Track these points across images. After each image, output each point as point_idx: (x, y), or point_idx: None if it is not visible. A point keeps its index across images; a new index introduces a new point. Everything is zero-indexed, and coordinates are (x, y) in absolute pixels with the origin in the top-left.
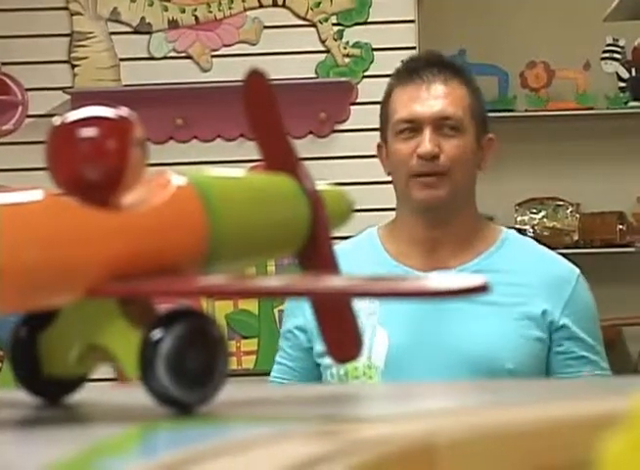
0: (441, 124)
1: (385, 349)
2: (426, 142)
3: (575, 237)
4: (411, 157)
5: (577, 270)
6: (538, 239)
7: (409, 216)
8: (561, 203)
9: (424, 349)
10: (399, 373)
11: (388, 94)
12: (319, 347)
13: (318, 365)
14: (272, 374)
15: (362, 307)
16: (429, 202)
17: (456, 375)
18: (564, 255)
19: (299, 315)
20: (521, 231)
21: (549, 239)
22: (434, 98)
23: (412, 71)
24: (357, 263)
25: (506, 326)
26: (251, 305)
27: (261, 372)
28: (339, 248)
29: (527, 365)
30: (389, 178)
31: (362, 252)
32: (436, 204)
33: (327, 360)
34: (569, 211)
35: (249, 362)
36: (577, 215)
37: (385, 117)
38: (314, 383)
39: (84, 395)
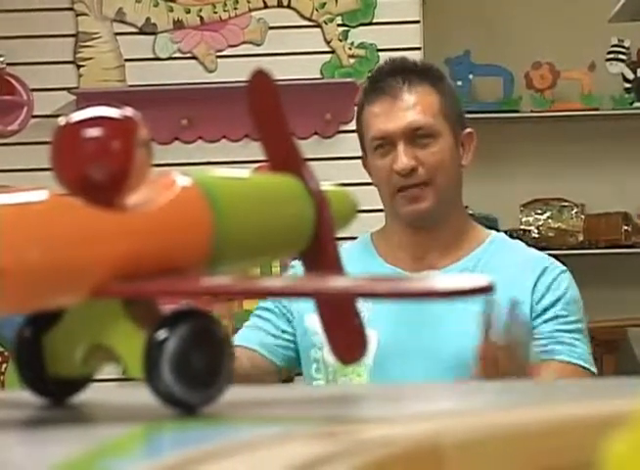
0: (414, 135)
1: (373, 347)
2: (401, 157)
3: (580, 238)
4: (390, 173)
5: (565, 268)
6: (543, 240)
7: (396, 223)
8: (566, 203)
9: (411, 349)
10: (388, 371)
11: (360, 112)
12: (305, 340)
13: (297, 352)
14: (245, 335)
15: None
16: (415, 215)
17: (444, 375)
18: (569, 256)
19: (285, 302)
20: (525, 232)
21: (554, 240)
22: (402, 110)
23: (377, 87)
24: (351, 266)
25: None
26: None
27: None
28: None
29: None
30: None
31: (354, 255)
32: (423, 215)
33: (313, 354)
34: (573, 212)
35: None
36: (582, 216)
37: (360, 134)
38: (290, 362)
39: (89, 395)
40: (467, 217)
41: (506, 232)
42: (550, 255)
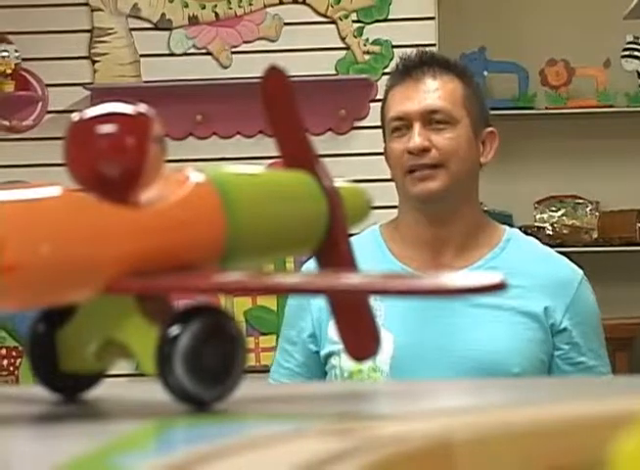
0: (430, 118)
1: (390, 351)
2: (415, 137)
3: (595, 235)
4: (403, 154)
5: (581, 272)
6: (557, 237)
7: (410, 215)
8: (580, 201)
9: (429, 352)
10: (404, 376)
11: (385, 97)
12: (325, 350)
13: (323, 367)
14: (274, 376)
15: None
16: (424, 195)
17: (460, 377)
18: (583, 253)
19: (307, 319)
20: (539, 229)
21: (568, 237)
22: (423, 93)
23: (403, 72)
24: (362, 262)
25: (512, 329)
26: (270, 302)
27: None
28: None
29: (533, 369)
30: None
31: (366, 253)
32: (433, 196)
33: (332, 362)
34: (588, 210)
35: (267, 359)
36: (597, 214)
37: (382, 119)
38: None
39: (101, 390)
40: (483, 216)
41: (520, 229)
42: (564, 252)
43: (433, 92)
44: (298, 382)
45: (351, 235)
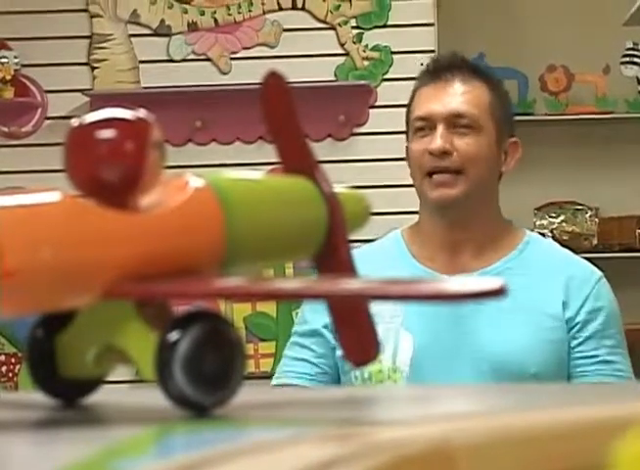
0: (455, 122)
1: (410, 352)
2: (437, 138)
3: (594, 241)
4: (424, 154)
5: (600, 273)
6: (557, 243)
7: (429, 218)
8: (580, 207)
9: (448, 353)
10: (424, 377)
11: (412, 97)
12: None
13: (337, 367)
14: (285, 369)
15: (385, 309)
16: (443, 200)
17: (481, 379)
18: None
19: (326, 313)
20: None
21: (568, 243)
22: (450, 96)
23: (433, 73)
24: (383, 266)
25: (530, 330)
26: (270, 308)
27: None
28: (364, 250)
29: (551, 369)
30: (409, 182)
31: (388, 255)
32: (451, 203)
33: None
34: (587, 216)
35: (266, 365)
36: (596, 220)
37: (407, 118)
38: (331, 384)
39: (100, 396)
40: (502, 219)
41: None
42: None
43: (460, 96)
44: (316, 375)
45: (352, 241)
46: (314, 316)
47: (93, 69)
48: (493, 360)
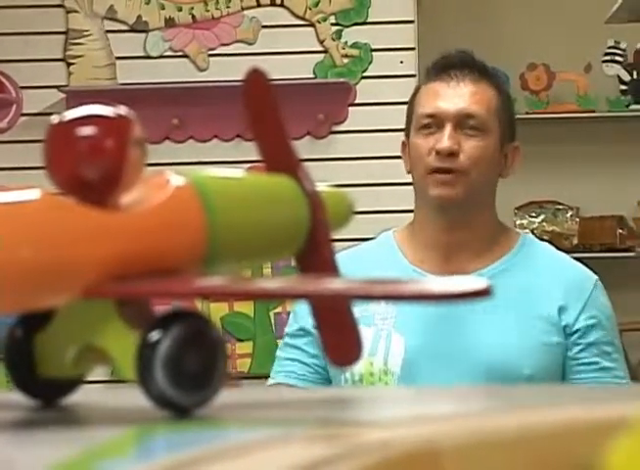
0: (464, 122)
1: (401, 354)
2: (445, 138)
3: (575, 241)
4: (430, 153)
5: (595, 276)
6: None
7: (427, 218)
8: (560, 206)
9: (441, 355)
10: (416, 379)
11: (417, 90)
12: None
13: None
14: (278, 369)
15: (377, 311)
16: (444, 199)
17: (473, 381)
18: None
19: None
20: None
21: (548, 243)
22: (460, 95)
23: (442, 69)
24: (373, 268)
25: (524, 332)
26: (247, 308)
27: (256, 376)
28: (352, 252)
29: (545, 371)
30: (389, 180)
31: (378, 256)
32: (452, 202)
33: None
34: (568, 215)
35: (243, 366)
36: (577, 219)
37: (409, 112)
38: (325, 384)
39: (80, 396)
40: (498, 222)
41: None
42: None
43: (471, 96)
44: (307, 374)
45: (334, 240)
46: (305, 317)
47: (69, 65)
48: (486, 362)
